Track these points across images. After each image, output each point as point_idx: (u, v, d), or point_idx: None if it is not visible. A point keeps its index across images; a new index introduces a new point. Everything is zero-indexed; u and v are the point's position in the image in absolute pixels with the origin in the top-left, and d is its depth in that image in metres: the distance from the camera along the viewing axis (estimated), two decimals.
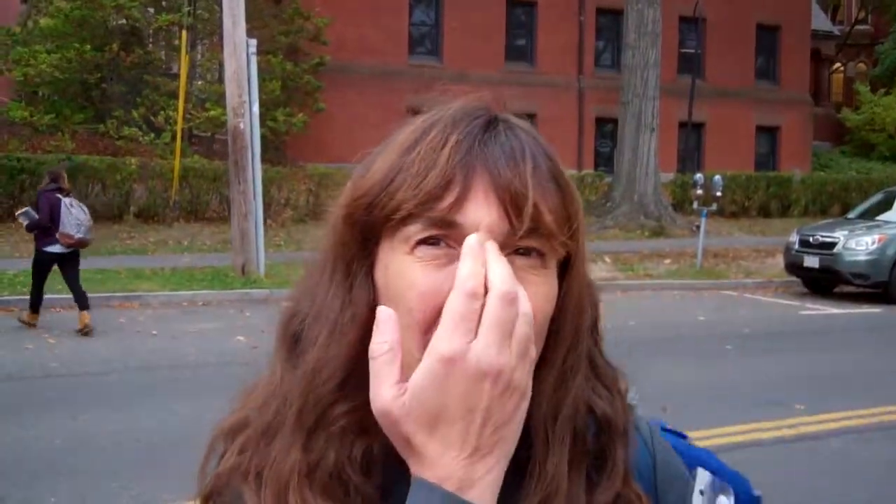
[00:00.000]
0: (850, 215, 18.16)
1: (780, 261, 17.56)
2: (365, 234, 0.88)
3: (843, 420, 7.45)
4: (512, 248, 0.84)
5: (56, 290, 12.79)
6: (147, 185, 18.94)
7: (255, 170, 14.31)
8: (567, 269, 0.89)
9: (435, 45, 28.21)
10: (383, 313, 0.81)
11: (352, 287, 0.88)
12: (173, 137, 20.00)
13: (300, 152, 23.88)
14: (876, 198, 18.41)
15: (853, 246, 15.54)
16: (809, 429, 7.19)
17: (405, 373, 0.79)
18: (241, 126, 13.98)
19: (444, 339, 0.76)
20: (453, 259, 0.82)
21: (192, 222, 19.10)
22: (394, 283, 0.85)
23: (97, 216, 18.43)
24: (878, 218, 16.78)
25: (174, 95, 20.53)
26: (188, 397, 7.70)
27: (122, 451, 6.23)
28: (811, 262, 15.85)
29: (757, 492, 1.02)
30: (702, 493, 0.98)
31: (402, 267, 0.84)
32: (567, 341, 0.89)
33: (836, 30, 40.06)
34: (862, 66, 43.17)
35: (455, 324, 0.76)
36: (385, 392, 0.78)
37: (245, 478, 0.93)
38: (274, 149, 22.31)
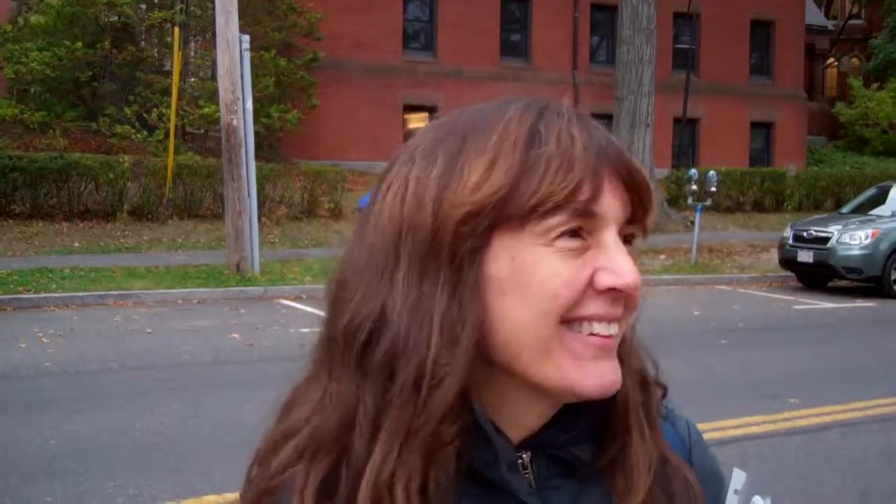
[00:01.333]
0: (844, 210, 18.20)
1: (774, 256, 17.60)
2: (484, 229, 0.86)
3: (838, 413, 7.47)
4: (621, 236, 0.90)
5: (50, 290, 12.79)
6: (140, 183, 18.89)
7: (250, 167, 14.29)
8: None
9: (429, 40, 28.17)
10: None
11: (459, 284, 0.86)
12: (166, 135, 19.95)
13: (294, 149, 23.85)
14: (869, 192, 18.45)
15: (847, 240, 15.58)
16: (804, 422, 7.21)
17: (531, 355, 0.86)
18: (235, 123, 13.95)
19: None
20: (585, 249, 0.87)
21: (186, 220, 19.06)
22: (528, 272, 0.85)
23: (91, 214, 18.47)
24: (871, 213, 16.84)
25: (167, 93, 20.48)
26: (184, 395, 7.69)
27: (118, 450, 6.22)
28: (805, 256, 15.89)
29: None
30: (736, 492, 1.00)
31: (540, 258, 0.86)
32: (629, 311, 0.95)
33: (829, 25, 40.10)
34: (855, 60, 43.24)
35: None
36: None
37: (300, 495, 0.88)
38: (268, 145, 22.28)
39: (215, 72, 15.94)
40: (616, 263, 0.87)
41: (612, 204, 0.87)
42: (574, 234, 0.86)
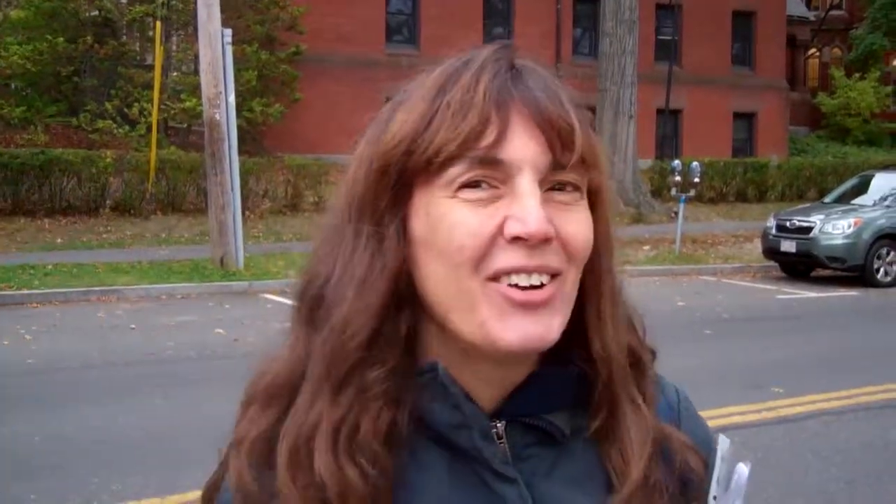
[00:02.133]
0: (827, 199, 18.28)
1: (757, 246, 17.66)
2: (398, 184, 0.87)
3: (821, 402, 7.51)
4: (550, 184, 0.86)
5: (33, 286, 12.71)
6: (123, 178, 18.79)
7: (233, 161, 14.23)
8: (596, 201, 0.91)
9: (412, 33, 28.11)
10: None
11: (383, 238, 0.87)
12: (148, 129, 19.84)
13: (277, 143, 23.76)
14: (852, 182, 18.54)
15: (829, 230, 15.65)
16: (787, 411, 7.25)
17: (457, 312, 0.85)
18: (217, 117, 13.89)
19: None
20: (496, 198, 0.84)
21: (170, 215, 18.98)
22: (439, 226, 0.85)
23: (73, 210, 18.36)
24: (853, 202, 16.92)
25: (149, 87, 20.36)
26: (168, 391, 7.66)
27: (102, 446, 6.19)
28: (788, 246, 15.95)
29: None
30: (722, 459, 0.99)
31: (446, 209, 0.85)
32: (608, 272, 0.93)
33: (811, 15, 40.23)
34: (837, 51, 43.38)
35: None
36: None
37: (238, 449, 0.90)
38: (251, 139, 22.19)
39: (197, 66, 15.85)
40: (523, 211, 0.83)
41: (525, 149, 0.84)
42: (480, 183, 0.84)
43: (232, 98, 14.25)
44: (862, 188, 17.42)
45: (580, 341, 0.92)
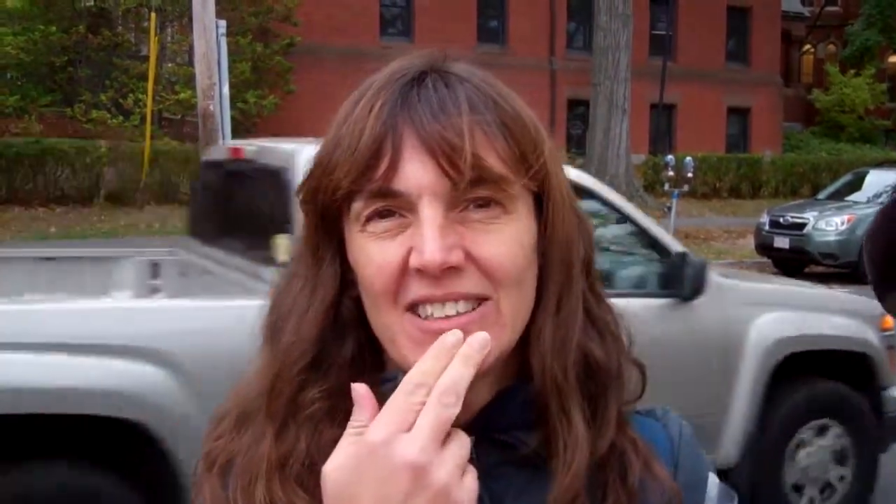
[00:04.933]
0: (820, 196, 18.33)
1: (750, 241, 17.70)
2: (324, 218, 0.87)
3: None
4: (464, 204, 0.82)
5: None
6: (117, 169, 18.76)
7: None
8: (544, 206, 0.87)
9: (406, 25, 28.10)
10: (360, 389, 0.79)
11: (318, 270, 0.88)
12: (142, 120, 19.82)
13: (271, 134, 23.65)
14: (845, 178, 18.59)
15: (823, 226, 15.68)
16: None
17: (386, 343, 0.85)
18: (212, 108, 13.86)
19: (377, 426, 0.74)
20: (405, 227, 0.81)
21: (164, 205, 18.95)
22: (356, 261, 0.85)
23: (67, 200, 18.33)
24: (847, 198, 16.96)
25: (143, 78, 20.31)
26: None
27: None
28: (781, 242, 15.99)
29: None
30: (709, 499, 0.96)
31: (358, 244, 0.84)
32: (559, 283, 0.88)
33: (806, 11, 40.29)
34: (832, 47, 43.45)
35: (390, 414, 0.75)
36: (330, 461, 0.77)
37: (210, 468, 0.91)
38: (245, 131, 22.13)
39: (192, 57, 15.82)
40: (421, 240, 0.80)
41: (420, 176, 0.80)
42: (386, 214, 0.82)
43: (226, 89, 14.23)
44: (856, 185, 17.46)
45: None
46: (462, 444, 0.76)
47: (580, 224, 0.91)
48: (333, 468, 0.76)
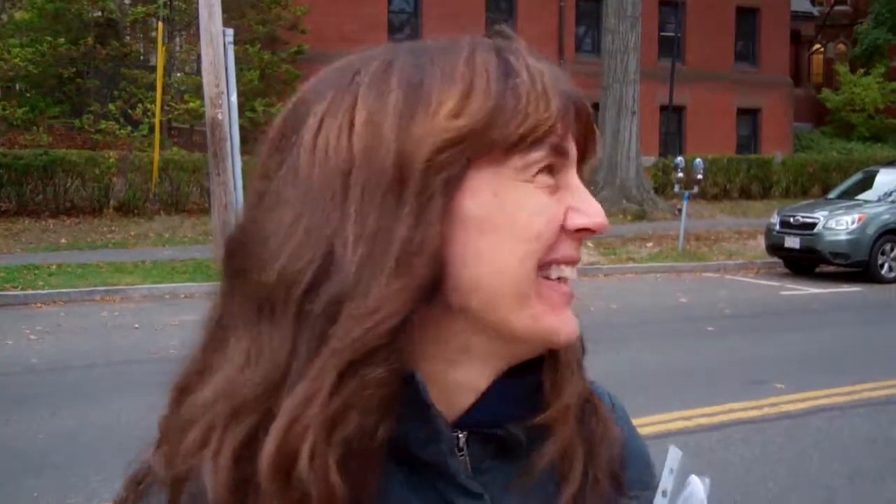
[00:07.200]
0: (831, 195, 18.25)
1: (761, 242, 17.64)
2: (455, 160, 0.79)
3: (823, 398, 7.50)
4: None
5: (37, 287, 12.74)
6: (126, 179, 18.84)
7: (235, 161, 14.24)
8: None
9: (414, 32, 28.11)
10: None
11: (423, 216, 0.77)
12: (151, 130, 19.89)
13: None
14: (856, 177, 18.50)
15: (833, 226, 15.62)
16: (790, 407, 7.24)
17: (505, 300, 0.80)
18: (220, 117, 13.90)
19: None
20: (557, 188, 0.83)
21: (173, 215, 19.02)
22: (512, 210, 0.80)
23: (77, 210, 18.40)
24: (857, 197, 16.89)
25: (152, 88, 20.40)
26: None
27: (105, 445, 6.20)
28: (792, 242, 15.93)
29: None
30: (672, 471, 0.93)
31: (523, 194, 0.81)
32: None
33: (815, 11, 40.15)
34: (841, 46, 43.30)
35: None
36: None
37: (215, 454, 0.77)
38: (253, 139, 21.96)
39: (200, 66, 15.88)
40: (588, 203, 0.84)
41: (572, 143, 0.85)
42: (549, 170, 0.82)
43: (234, 98, 14.26)
44: (866, 184, 17.38)
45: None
46: None
47: None
48: None
